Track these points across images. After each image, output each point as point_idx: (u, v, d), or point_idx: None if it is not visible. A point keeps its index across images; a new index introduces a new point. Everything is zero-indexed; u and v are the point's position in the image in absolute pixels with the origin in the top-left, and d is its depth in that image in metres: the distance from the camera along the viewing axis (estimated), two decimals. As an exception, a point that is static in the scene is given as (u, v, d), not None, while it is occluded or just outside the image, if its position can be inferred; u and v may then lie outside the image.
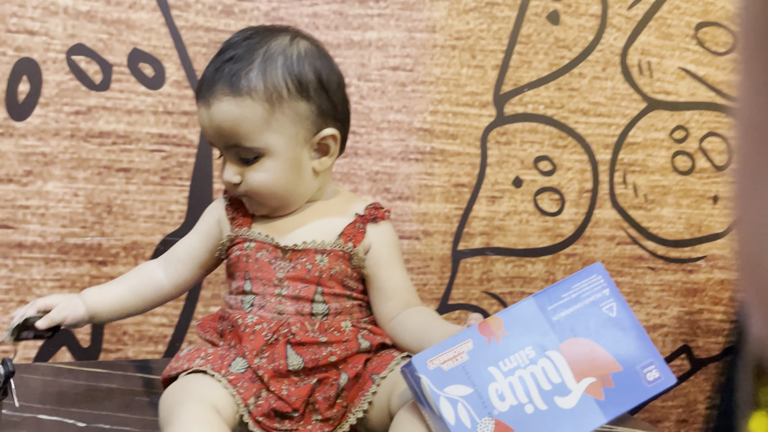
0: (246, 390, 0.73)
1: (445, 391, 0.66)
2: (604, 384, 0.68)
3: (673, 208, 1.48)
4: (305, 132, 0.79)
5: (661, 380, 0.70)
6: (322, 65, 0.80)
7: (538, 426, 0.66)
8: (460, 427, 0.65)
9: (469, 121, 1.33)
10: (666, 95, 1.45)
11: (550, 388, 0.68)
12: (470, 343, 0.68)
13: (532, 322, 0.70)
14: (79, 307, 0.84)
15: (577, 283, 0.72)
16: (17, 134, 1.10)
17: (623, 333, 0.71)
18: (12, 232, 1.11)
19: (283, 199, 0.81)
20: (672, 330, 1.52)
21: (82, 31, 1.11)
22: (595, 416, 0.68)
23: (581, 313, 0.71)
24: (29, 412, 0.85)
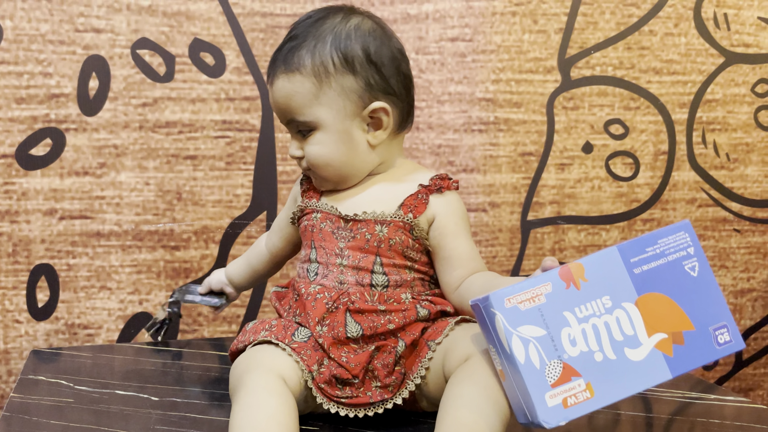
0: (309, 357, 0.76)
1: (518, 330, 0.66)
2: (675, 341, 0.68)
3: (758, 166, 1.41)
4: (353, 105, 0.80)
5: (732, 344, 0.70)
6: (372, 40, 0.81)
7: (605, 374, 0.66)
8: (530, 367, 0.66)
9: (533, 88, 1.30)
10: (746, 48, 1.37)
11: (621, 339, 0.68)
12: (549, 286, 0.68)
13: (613, 272, 0.69)
14: (221, 276, 1.03)
15: (663, 238, 0.71)
16: (90, 128, 1.15)
17: (701, 293, 0.70)
18: (90, 222, 1.17)
19: (339, 171, 0.83)
20: (762, 294, 1.44)
21: (145, 26, 1.16)
22: (661, 372, 0.68)
23: (663, 269, 0.70)
24: (108, 388, 0.89)
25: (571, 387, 0.66)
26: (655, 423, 0.83)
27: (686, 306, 0.70)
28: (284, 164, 1.22)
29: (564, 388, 0.66)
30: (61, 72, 1.13)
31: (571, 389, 0.66)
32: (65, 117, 1.14)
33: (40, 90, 1.13)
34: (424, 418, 0.81)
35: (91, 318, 1.19)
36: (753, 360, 1.47)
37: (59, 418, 0.80)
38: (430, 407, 0.80)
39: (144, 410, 0.83)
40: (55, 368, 0.97)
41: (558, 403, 0.65)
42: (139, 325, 1.21)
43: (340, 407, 0.75)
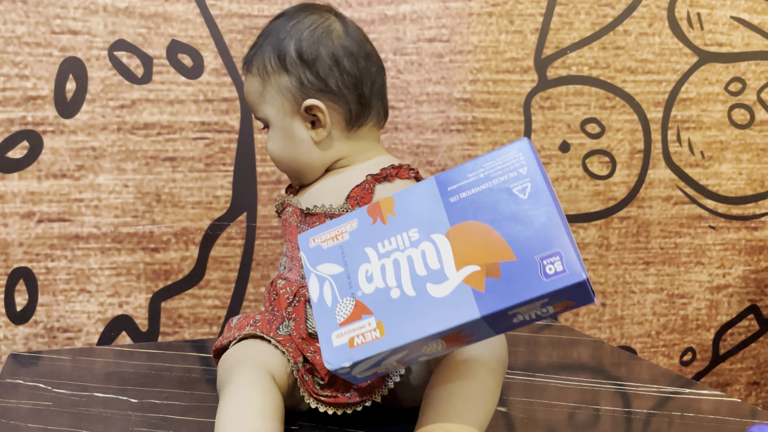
0: (294, 350, 0.76)
1: (317, 269, 0.63)
2: (489, 274, 0.57)
3: (732, 163, 1.43)
4: (289, 104, 0.83)
5: (564, 275, 0.55)
6: (307, 38, 0.81)
7: (399, 312, 0.59)
8: (321, 305, 0.62)
9: (510, 88, 1.31)
10: (719, 47, 1.39)
11: (424, 273, 0.59)
12: (355, 222, 0.63)
13: (427, 203, 0.61)
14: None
15: (490, 161, 0.60)
16: (68, 131, 1.15)
17: (531, 217, 0.57)
18: (69, 225, 1.16)
19: (289, 167, 0.86)
20: (738, 290, 1.46)
21: (122, 27, 1.15)
22: (467, 309, 0.57)
23: (484, 195, 0.59)
24: (87, 390, 0.89)
25: (360, 326, 0.60)
26: (634, 418, 0.84)
27: (508, 233, 0.58)
28: (264, 165, 1.22)
29: (352, 326, 0.60)
30: (37, 74, 1.13)
31: (360, 328, 0.60)
32: (42, 119, 1.14)
33: (16, 92, 1.13)
34: (404, 415, 0.81)
35: (70, 321, 1.18)
36: (729, 355, 1.49)
37: (38, 422, 0.80)
38: (410, 403, 0.81)
39: (123, 412, 0.83)
40: (34, 372, 0.96)
41: (344, 342, 0.60)
42: (120, 328, 1.20)
43: (320, 404, 0.76)
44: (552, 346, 1.11)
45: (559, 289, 0.55)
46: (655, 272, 1.41)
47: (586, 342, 1.14)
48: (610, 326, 1.41)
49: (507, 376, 0.95)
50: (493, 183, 0.59)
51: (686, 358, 1.46)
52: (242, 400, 0.69)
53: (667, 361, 1.45)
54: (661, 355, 1.44)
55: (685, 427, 0.81)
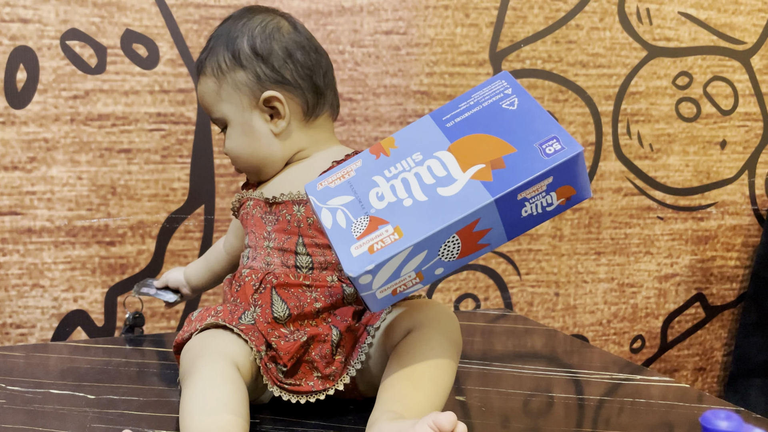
0: (257, 338, 0.76)
1: (327, 204, 0.66)
2: (494, 167, 0.62)
3: (679, 155, 1.47)
4: (247, 98, 0.85)
5: (564, 150, 0.60)
6: (259, 35, 0.85)
7: (415, 215, 0.62)
8: (336, 229, 0.64)
9: (466, 81, 1.33)
10: (667, 42, 1.43)
11: (433, 181, 0.63)
12: (360, 162, 0.67)
13: (425, 133, 0.66)
14: (179, 274, 1.04)
15: (477, 91, 0.66)
16: (18, 122, 1.12)
17: (522, 120, 0.63)
18: (21, 218, 1.14)
19: (249, 162, 0.87)
20: (685, 279, 1.51)
21: (74, 16, 1.13)
22: (479, 196, 0.61)
23: (477, 115, 0.65)
24: (42, 387, 0.88)
25: (377, 234, 0.62)
26: (587, 404, 0.86)
27: (504, 134, 0.63)
28: (221, 157, 1.22)
29: (370, 237, 0.63)
30: (-14, 64, 1.10)
31: (377, 236, 0.62)
32: (-9, 110, 1.11)
33: (-36, 82, 1.10)
34: (364, 405, 0.82)
35: (23, 317, 1.16)
36: (677, 342, 1.54)
37: (-7, 419, 0.78)
38: (369, 391, 0.82)
39: (80, 409, 0.82)
40: (-14, 368, 0.95)
41: (363, 251, 0.62)
42: (75, 323, 1.19)
43: (283, 392, 0.76)
44: (507, 335, 1.14)
45: (561, 163, 0.60)
46: (606, 262, 1.45)
47: (540, 331, 1.17)
48: (563, 315, 1.44)
49: (463, 365, 0.97)
50: (483, 105, 0.65)
51: (636, 346, 1.50)
52: (207, 391, 0.69)
53: (617, 348, 1.49)
54: (612, 342, 1.49)
55: (635, 412, 0.83)
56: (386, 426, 0.65)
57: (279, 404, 0.82)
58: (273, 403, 0.82)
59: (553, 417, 0.82)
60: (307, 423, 0.78)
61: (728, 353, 1.57)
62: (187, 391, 0.70)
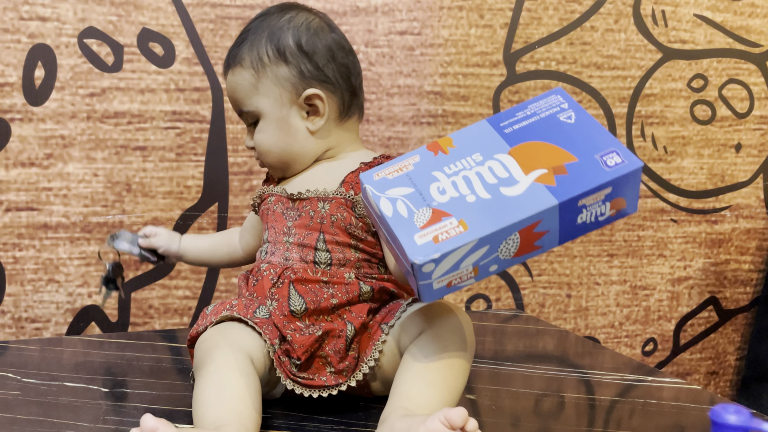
0: (271, 332, 0.77)
1: (386, 193, 0.67)
2: (556, 173, 0.64)
3: (694, 158, 1.47)
4: (288, 93, 0.85)
5: (624, 164, 0.63)
6: (304, 32, 0.85)
7: (478, 210, 0.63)
8: (397, 218, 0.65)
9: (480, 82, 1.33)
10: (682, 44, 1.43)
11: (495, 181, 0.64)
12: (417, 157, 0.68)
13: (484, 135, 0.68)
14: (174, 242, 1.01)
15: (533, 103, 0.68)
16: (36, 119, 1.14)
17: (582, 133, 0.66)
18: (37, 214, 1.15)
19: (280, 158, 0.87)
20: (698, 282, 1.50)
21: (92, 15, 1.14)
22: (544, 198, 0.63)
23: (536, 124, 0.67)
24: (56, 380, 0.89)
25: (441, 225, 0.63)
26: (598, 405, 0.86)
27: (565, 144, 0.65)
28: (235, 155, 1.22)
29: (434, 227, 0.63)
30: (5, 61, 1.11)
31: (442, 227, 0.63)
32: (10, 107, 1.12)
33: (-17, 79, 1.11)
34: (374, 403, 0.83)
35: (38, 311, 1.17)
36: (689, 345, 1.53)
37: (6, 411, 0.79)
38: (382, 390, 0.82)
39: (94, 402, 0.83)
40: (1, 361, 0.96)
41: (428, 240, 0.63)
42: (89, 318, 1.20)
43: (296, 385, 0.77)
44: (518, 336, 1.13)
45: (622, 176, 0.63)
46: (618, 264, 1.45)
47: (552, 332, 1.16)
48: (575, 317, 1.44)
49: (475, 364, 0.97)
50: (540, 116, 0.67)
51: (648, 348, 1.50)
52: (222, 382, 0.70)
53: (629, 351, 1.48)
54: (624, 345, 1.48)
55: (646, 414, 0.83)
56: (397, 422, 0.65)
57: (290, 399, 0.82)
58: (284, 398, 0.83)
59: (563, 417, 0.82)
60: (318, 418, 0.79)
61: (741, 357, 1.56)
62: (202, 381, 0.71)
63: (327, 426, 0.77)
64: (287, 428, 0.76)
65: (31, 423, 0.76)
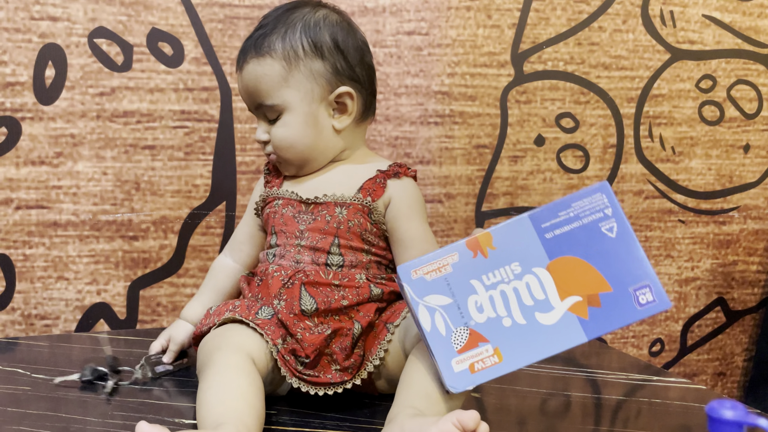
0: (273, 333, 0.78)
1: (424, 300, 0.67)
2: (590, 303, 0.66)
3: (702, 159, 1.46)
4: (320, 89, 0.84)
5: (655, 304, 0.66)
6: (339, 30, 0.85)
7: (514, 339, 0.66)
8: (435, 334, 0.66)
9: (487, 82, 1.33)
10: (690, 45, 1.42)
11: (531, 303, 0.66)
12: (456, 256, 0.68)
13: (524, 238, 0.68)
14: (187, 328, 0.94)
15: (577, 201, 0.67)
16: (46, 117, 1.15)
17: (620, 254, 0.67)
18: (47, 212, 1.16)
19: (302, 154, 0.86)
20: (705, 283, 1.50)
21: (102, 15, 1.15)
22: (575, 334, 0.66)
23: (577, 232, 0.67)
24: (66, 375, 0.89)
25: (478, 353, 0.66)
26: (604, 404, 0.86)
27: (603, 267, 0.66)
28: (243, 155, 1.23)
29: (471, 353, 0.66)
30: (16, 60, 1.13)
31: (478, 354, 0.66)
32: (21, 106, 1.14)
33: (-6, 78, 1.12)
34: (379, 401, 0.83)
35: (48, 308, 1.18)
36: (697, 346, 1.52)
37: (16, 406, 0.80)
38: (387, 388, 0.82)
39: (102, 397, 0.83)
40: (11, 357, 0.97)
41: (465, 368, 0.65)
42: (98, 315, 1.20)
43: (302, 383, 0.77)
44: (525, 335, 1.13)
45: (650, 316, 0.67)
46: (626, 265, 1.44)
47: (559, 332, 1.16)
48: (582, 317, 1.44)
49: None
50: (583, 222, 0.67)
51: (655, 349, 1.49)
52: (223, 382, 0.70)
53: (636, 351, 1.48)
54: (631, 345, 1.48)
55: (653, 413, 0.83)
56: (408, 421, 0.65)
57: (296, 397, 0.83)
58: (290, 395, 0.83)
59: (569, 416, 0.83)
60: (323, 415, 0.79)
61: (749, 358, 1.56)
62: (204, 382, 0.71)
63: (332, 423, 0.78)
64: (292, 425, 0.77)
65: (41, 418, 0.77)
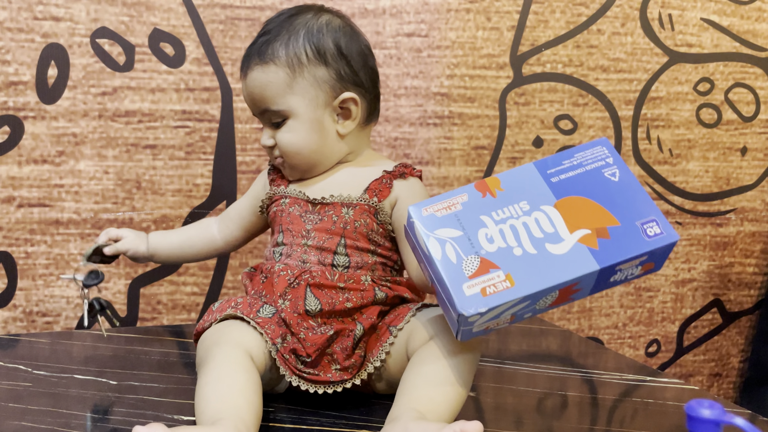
0: (273, 331, 0.79)
1: (435, 233, 0.68)
2: (599, 236, 0.67)
3: (699, 161, 1.47)
4: (325, 95, 0.85)
5: (663, 235, 0.67)
6: (342, 36, 0.86)
7: (525, 266, 0.66)
8: (446, 262, 0.67)
9: (486, 84, 1.34)
10: (689, 48, 1.43)
11: (541, 236, 0.67)
12: (465, 196, 0.70)
13: (531, 182, 0.70)
14: (142, 244, 0.96)
15: (579, 152, 0.71)
16: (49, 117, 1.16)
17: (625, 194, 0.69)
18: (49, 210, 1.17)
19: (308, 159, 0.87)
20: (702, 284, 1.51)
21: (104, 15, 1.16)
22: (587, 262, 0.66)
23: (582, 177, 0.70)
24: (66, 372, 0.90)
25: (489, 278, 0.65)
26: (600, 404, 0.87)
27: (609, 205, 0.68)
28: (243, 155, 1.24)
29: (482, 278, 0.65)
30: (19, 60, 1.13)
31: (489, 279, 0.65)
32: (23, 105, 1.14)
33: (-3, 77, 1.13)
34: (378, 400, 0.84)
35: (49, 306, 1.19)
36: (693, 347, 1.53)
37: (18, 402, 0.81)
38: (386, 389, 0.83)
39: (102, 393, 0.84)
40: (12, 354, 0.97)
41: (476, 292, 0.65)
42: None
43: (301, 381, 0.78)
44: (522, 335, 1.15)
45: (659, 247, 0.67)
46: (623, 266, 1.45)
47: (555, 332, 1.17)
48: (579, 317, 1.45)
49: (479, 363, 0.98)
50: (586, 168, 0.70)
51: (651, 350, 1.50)
52: (222, 377, 0.71)
53: (633, 352, 1.49)
54: (628, 346, 1.49)
55: (648, 414, 0.84)
56: (411, 424, 0.66)
57: (294, 394, 0.84)
58: (288, 393, 0.84)
59: (566, 416, 0.83)
60: (321, 413, 0.80)
61: (744, 359, 1.57)
62: (203, 377, 0.72)
63: (329, 420, 0.79)
64: (290, 422, 0.78)
65: (42, 413, 0.78)
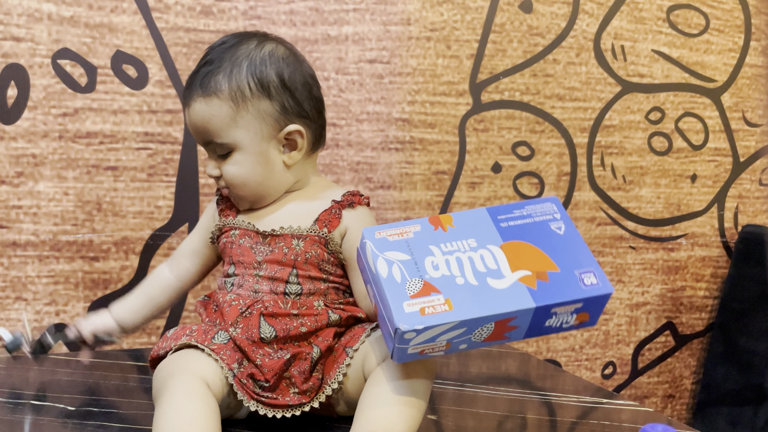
0: (229, 357, 0.78)
1: (384, 254, 0.72)
2: (539, 278, 0.70)
3: (651, 188, 1.52)
4: (269, 128, 0.84)
5: (598, 286, 0.70)
6: (285, 66, 0.85)
7: (465, 294, 0.69)
8: (391, 281, 0.70)
9: (446, 110, 1.37)
10: (640, 78, 1.48)
11: (484, 270, 0.70)
12: (418, 226, 0.73)
13: (481, 223, 0.74)
14: (107, 321, 0.94)
15: (530, 205, 0.76)
16: (8, 137, 1.14)
17: (567, 246, 0.73)
18: (6, 232, 1.15)
19: (256, 191, 0.86)
20: (655, 307, 1.55)
21: (66, 36, 1.16)
22: (524, 299, 0.69)
23: (529, 226, 0.74)
24: (22, 398, 0.89)
25: (430, 300, 0.68)
26: (559, 426, 0.89)
27: (551, 253, 0.72)
28: (206, 177, 1.24)
29: (423, 299, 0.68)
30: (-23, 80, 1.12)
31: (429, 301, 0.68)
32: (-19, 125, 1.13)
33: (-46, 97, 1.12)
34: (338, 423, 0.84)
35: (4, 329, 1.17)
36: (647, 369, 1.57)
37: (-26, 428, 0.79)
38: (346, 411, 0.84)
39: (60, 420, 0.83)
40: (-33, 379, 0.95)
41: (416, 310, 0.68)
42: (55, 336, 1.19)
43: (260, 406, 0.78)
44: (482, 358, 1.16)
45: (594, 296, 0.70)
46: (579, 289, 1.48)
47: (514, 355, 1.19)
48: (537, 341, 1.47)
49: (439, 385, 0.99)
50: (535, 219, 0.74)
51: (607, 372, 1.53)
52: (178, 408, 0.71)
53: (589, 374, 1.52)
54: (584, 368, 1.51)
55: (603, 433, 0.86)
56: None
57: (255, 420, 0.83)
58: (249, 418, 0.84)
59: (523, 436, 0.85)
60: (284, 437, 0.80)
61: (697, 381, 1.61)
62: (159, 409, 0.72)
63: (293, 444, 0.79)
64: (254, 446, 0.78)
65: (-2, 440, 0.77)
